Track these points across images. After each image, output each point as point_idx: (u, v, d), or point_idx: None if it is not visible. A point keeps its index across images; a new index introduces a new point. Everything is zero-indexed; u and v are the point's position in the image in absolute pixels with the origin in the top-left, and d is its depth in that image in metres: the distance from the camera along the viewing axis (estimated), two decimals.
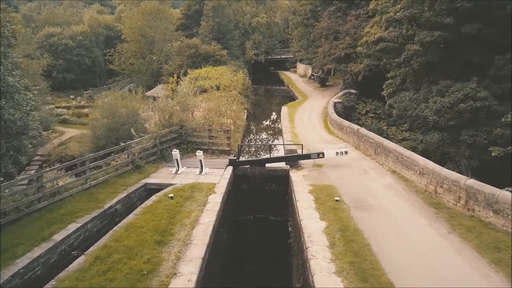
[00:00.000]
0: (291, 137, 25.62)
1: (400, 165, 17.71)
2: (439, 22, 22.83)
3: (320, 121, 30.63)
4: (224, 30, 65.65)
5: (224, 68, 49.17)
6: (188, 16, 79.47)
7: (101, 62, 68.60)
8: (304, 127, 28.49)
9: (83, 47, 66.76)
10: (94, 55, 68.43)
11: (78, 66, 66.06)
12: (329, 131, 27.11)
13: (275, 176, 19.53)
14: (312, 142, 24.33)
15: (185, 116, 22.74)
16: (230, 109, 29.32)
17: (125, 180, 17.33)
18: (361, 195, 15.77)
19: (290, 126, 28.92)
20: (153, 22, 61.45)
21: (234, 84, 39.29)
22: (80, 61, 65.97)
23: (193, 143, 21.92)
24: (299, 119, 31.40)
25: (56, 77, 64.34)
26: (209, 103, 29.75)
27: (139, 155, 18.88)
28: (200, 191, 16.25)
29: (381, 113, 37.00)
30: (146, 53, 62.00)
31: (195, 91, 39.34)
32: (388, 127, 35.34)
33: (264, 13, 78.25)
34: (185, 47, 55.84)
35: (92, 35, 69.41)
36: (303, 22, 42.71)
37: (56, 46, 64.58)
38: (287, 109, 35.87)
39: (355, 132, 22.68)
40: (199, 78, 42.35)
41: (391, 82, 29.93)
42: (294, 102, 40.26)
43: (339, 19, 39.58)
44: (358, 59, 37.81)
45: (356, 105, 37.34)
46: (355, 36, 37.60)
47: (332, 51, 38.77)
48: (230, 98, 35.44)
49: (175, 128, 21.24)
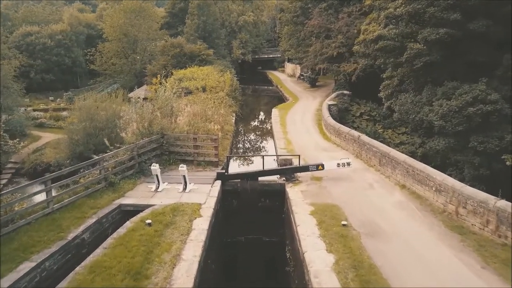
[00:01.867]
0: (284, 144, 23.25)
1: (411, 179, 15.50)
2: (445, 18, 20.70)
3: (314, 124, 28.32)
4: (210, 28, 62.95)
5: (211, 68, 46.56)
6: (172, 14, 76.52)
7: (82, 62, 65.20)
8: (297, 132, 26.15)
9: (63, 46, 63.30)
10: (75, 55, 65.02)
11: (58, 67, 62.61)
12: (325, 137, 24.83)
13: (269, 191, 17.16)
14: (307, 149, 22.00)
15: (167, 123, 20.16)
16: (217, 113, 26.81)
17: (96, 201, 14.72)
18: (371, 216, 13.47)
19: (282, 131, 26.55)
20: (135, 20, 58.41)
21: (221, 85, 36.74)
22: (59, 61, 62.52)
23: (177, 154, 19.36)
24: (292, 123, 29.06)
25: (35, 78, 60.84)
26: (194, 106, 27.18)
27: (113, 170, 16.26)
28: (183, 214, 13.74)
29: (376, 115, 34.96)
30: (128, 53, 58.93)
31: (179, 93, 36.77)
32: (384, 130, 33.33)
33: (251, 12, 75.77)
34: (170, 46, 53.05)
35: (72, 34, 65.95)
36: (293, 20, 40.39)
37: (34, 45, 61.04)
38: (278, 112, 33.49)
39: (355, 140, 20.42)
40: (184, 79, 39.70)
41: (389, 83, 27.79)
42: (285, 104, 37.91)
43: (330, 16, 37.37)
44: (352, 58, 35.68)
45: (349, 107, 35.21)
46: (348, 35, 35.47)
47: (323, 50, 36.56)
48: (217, 101, 32.88)
49: (155, 138, 18.66)
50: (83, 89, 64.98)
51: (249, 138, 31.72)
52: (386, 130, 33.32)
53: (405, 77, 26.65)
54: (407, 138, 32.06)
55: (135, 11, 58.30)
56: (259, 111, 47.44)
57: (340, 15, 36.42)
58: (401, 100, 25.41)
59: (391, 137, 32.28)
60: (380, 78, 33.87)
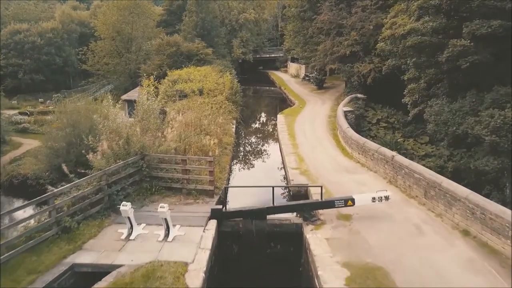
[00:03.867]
0: (295, 161, 18.69)
1: (479, 224, 10.96)
2: (498, 8, 16.16)
3: (327, 135, 23.73)
4: (209, 26, 58.26)
5: (209, 68, 41.95)
6: (170, 12, 71.89)
7: (75, 62, 60.60)
8: (309, 145, 21.57)
9: (53, 45, 58.72)
10: (66, 54, 60.46)
11: (48, 66, 58.07)
12: (344, 152, 20.24)
13: (282, 234, 12.63)
14: (325, 169, 17.47)
15: (150, 140, 15.59)
16: (214, 122, 22.29)
17: (40, 259, 10.18)
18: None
19: (291, 143, 21.97)
20: (129, 17, 53.75)
21: (220, 88, 32.17)
22: (49, 61, 57.96)
23: (161, 180, 14.82)
24: (301, 132, 24.49)
25: (23, 79, 56.39)
26: (187, 114, 22.66)
27: (70, 210, 11.73)
28: (161, 284, 9.22)
29: (395, 122, 30.37)
30: (122, 52, 54.30)
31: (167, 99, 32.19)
32: (404, 139, 28.78)
33: (252, 9, 71.05)
34: (165, 45, 48.45)
35: (64, 32, 61.35)
36: (299, 15, 35.76)
37: (22, 44, 56.48)
38: (284, 118, 28.89)
39: (387, 160, 15.84)
40: (179, 80, 35.13)
41: (414, 86, 23.25)
42: (291, 109, 33.27)
43: (342, 11, 32.75)
44: (367, 57, 31.11)
45: (364, 112, 30.63)
46: (363, 31, 30.86)
47: (334, 49, 31.95)
48: (215, 106, 28.34)
49: (133, 160, 14.11)
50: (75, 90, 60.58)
51: (253, 152, 26.68)
52: (407, 139, 28.77)
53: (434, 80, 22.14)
54: (432, 149, 27.57)
55: (129, 8, 53.63)
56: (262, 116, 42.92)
57: (353, 10, 31.80)
58: (434, 108, 20.85)
59: (413, 148, 27.70)
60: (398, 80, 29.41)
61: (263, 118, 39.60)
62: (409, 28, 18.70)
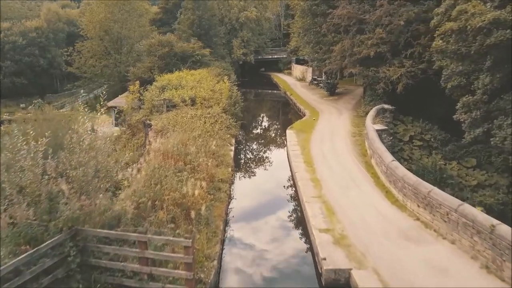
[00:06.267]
0: (322, 215, 12.30)
1: None
2: None
3: (358, 164, 17.23)
4: (207, 25, 51.80)
5: (204, 72, 35.63)
6: (166, 10, 65.65)
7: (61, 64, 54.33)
8: (337, 181, 15.13)
9: (37, 45, 52.36)
10: (52, 55, 54.16)
11: (30, 68, 51.74)
12: (388, 195, 13.73)
13: None
14: (370, 233, 11.08)
15: (91, 201, 9.21)
16: (206, 148, 15.97)
17: None
18: None
19: (311, 178, 15.54)
20: (119, 15, 47.40)
21: (217, 97, 25.83)
22: (32, 63, 51.65)
23: (104, 272, 8.50)
24: (321, 159, 18.08)
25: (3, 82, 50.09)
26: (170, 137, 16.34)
27: None
28: None
29: (431, 139, 24.01)
30: (111, 53, 47.96)
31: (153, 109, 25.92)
32: (445, 161, 22.43)
33: (254, 7, 64.46)
34: (157, 45, 42.03)
35: (49, 31, 54.98)
36: (311, 9, 29.40)
37: (2, 44, 50.19)
38: (296, 136, 22.46)
39: (481, 231, 9.45)
40: (169, 86, 28.82)
41: (469, 100, 16.96)
42: (302, 122, 26.77)
43: (363, 3, 26.36)
44: (395, 60, 24.73)
45: (393, 127, 24.30)
46: (390, 28, 24.49)
47: (355, 49, 25.55)
48: (209, 120, 22.05)
49: (53, 243, 7.81)
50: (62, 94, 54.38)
51: (257, 191, 17.67)
52: (449, 162, 22.44)
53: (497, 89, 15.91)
54: (485, 176, 21.24)
55: (119, 5, 47.27)
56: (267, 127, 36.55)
57: (377, 2, 25.43)
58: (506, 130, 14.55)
59: (460, 175, 21.34)
60: (433, 86, 23.19)
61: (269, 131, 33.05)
62: (491, 18, 12.35)
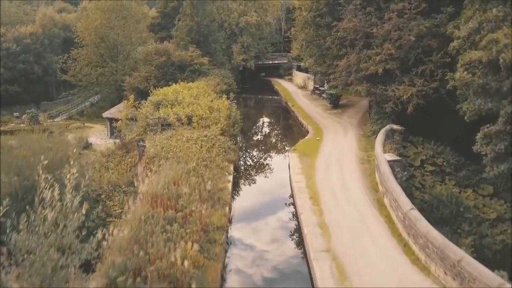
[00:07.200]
0: (331, 278, 10.51)
1: None
2: None
3: (369, 204, 15.29)
4: (206, 31, 49.96)
5: (202, 84, 33.86)
6: (165, 14, 63.52)
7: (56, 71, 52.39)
8: (347, 228, 13.19)
9: (32, 52, 50.42)
10: (47, 62, 52.15)
11: (25, 76, 49.81)
12: (406, 250, 11.93)
13: None
14: None
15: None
16: (201, 187, 14.22)
17: None
18: None
19: (317, 221, 13.71)
20: (115, 21, 45.51)
21: (215, 116, 24.07)
22: (27, 70, 49.69)
23: None
24: (329, 194, 16.19)
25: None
26: (162, 174, 14.61)
27: None
28: None
29: (444, 163, 22.20)
30: (107, 61, 46.10)
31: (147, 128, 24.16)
32: (460, 189, 20.69)
33: (254, 12, 62.58)
34: (154, 53, 40.25)
35: (44, 37, 53.02)
36: (315, 21, 27.59)
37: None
38: (299, 162, 20.66)
39: None
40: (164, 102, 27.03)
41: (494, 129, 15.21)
42: (306, 143, 24.84)
43: (371, 16, 24.58)
44: (405, 77, 22.95)
45: (403, 149, 22.55)
46: (400, 43, 22.73)
47: (362, 65, 23.80)
48: (206, 144, 20.29)
49: None
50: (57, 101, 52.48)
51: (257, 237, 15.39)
52: (464, 189, 20.68)
53: None
54: (503, 207, 19.50)
55: (115, 10, 45.37)
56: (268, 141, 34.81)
57: (385, 15, 23.66)
58: None
59: (477, 205, 19.57)
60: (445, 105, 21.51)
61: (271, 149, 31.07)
62: None
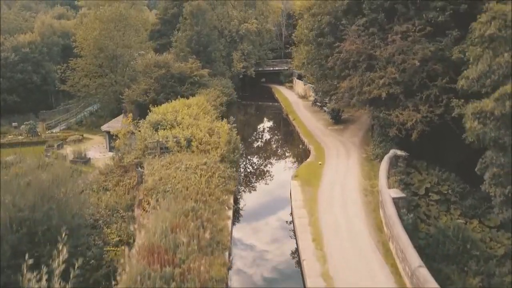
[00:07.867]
0: None
1: None
2: None
3: (373, 245, 14.71)
4: (206, 41, 49.30)
5: (202, 100, 33.26)
6: (165, 21, 62.95)
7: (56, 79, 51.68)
8: (352, 279, 12.69)
9: (30, 61, 49.69)
10: (46, 71, 51.42)
11: (23, 86, 49.11)
12: None
13: None
14: None
15: None
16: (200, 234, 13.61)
17: None
18: None
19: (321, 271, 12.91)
20: (115, 31, 44.80)
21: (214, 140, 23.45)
22: (25, 79, 48.97)
23: None
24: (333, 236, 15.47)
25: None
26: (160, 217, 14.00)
27: None
28: None
29: (449, 191, 21.56)
30: (106, 72, 45.44)
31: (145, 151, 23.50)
32: (466, 220, 20.08)
33: (254, 19, 61.86)
34: (153, 66, 39.70)
35: (43, 45, 52.28)
36: (316, 40, 26.94)
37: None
38: (301, 192, 19.98)
39: None
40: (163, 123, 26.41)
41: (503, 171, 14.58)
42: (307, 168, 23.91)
43: (374, 37, 23.91)
44: (409, 102, 22.31)
45: (406, 177, 21.93)
46: (404, 66, 22.08)
47: (365, 88, 23.16)
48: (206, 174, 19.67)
49: None
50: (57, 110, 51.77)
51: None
52: (470, 220, 20.07)
53: None
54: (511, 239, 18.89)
55: (114, 20, 44.66)
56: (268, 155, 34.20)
57: (389, 36, 22.99)
58: None
59: (483, 239, 18.98)
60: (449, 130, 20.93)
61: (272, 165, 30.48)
62: None
